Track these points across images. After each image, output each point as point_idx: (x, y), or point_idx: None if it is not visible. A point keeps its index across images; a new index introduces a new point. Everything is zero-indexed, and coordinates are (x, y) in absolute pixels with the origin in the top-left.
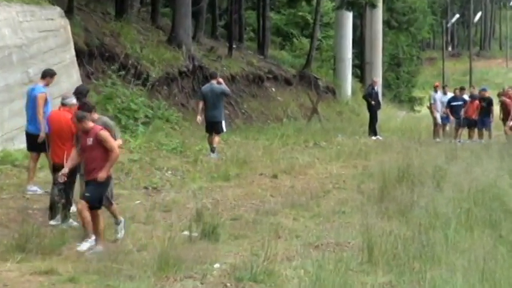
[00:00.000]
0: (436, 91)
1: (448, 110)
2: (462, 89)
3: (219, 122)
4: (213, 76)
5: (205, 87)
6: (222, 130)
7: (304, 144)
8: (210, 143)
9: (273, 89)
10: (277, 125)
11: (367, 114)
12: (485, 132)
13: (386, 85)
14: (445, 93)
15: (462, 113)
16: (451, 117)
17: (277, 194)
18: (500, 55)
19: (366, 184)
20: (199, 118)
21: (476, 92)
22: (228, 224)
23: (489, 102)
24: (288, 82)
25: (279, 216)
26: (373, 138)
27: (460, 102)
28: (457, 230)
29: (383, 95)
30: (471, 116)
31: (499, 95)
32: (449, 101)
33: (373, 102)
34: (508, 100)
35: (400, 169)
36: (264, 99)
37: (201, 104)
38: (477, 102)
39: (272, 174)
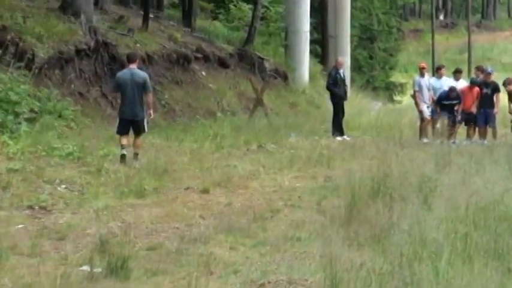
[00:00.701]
0: (422, 75)
1: (436, 107)
2: (457, 71)
3: (141, 121)
4: (131, 59)
5: (123, 74)
6: (144, 130)
7: (246, 148)
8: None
9: (203, 73)
10: (209, 121)
11: (331, 107)
12: (488, 130)
13: (356, 67)
14: (439, 77)
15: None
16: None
17: (208, 214)
18: (509, 25)
19: (328, 201)
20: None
21: (481, 76)
22: (143, 255)
23: (494, 89)
24: (223, 64)
25: (211, 244)
26: (339, 138)
27: (454, 102)
28: (451, 262)
29: (352, 80)
30: (469, 108)
31: (505, 84)
32: (440, 98)
33: (336, 91)
34: None
35: (375, 180)
36: (192, 87)
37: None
38: (477, 89)
39: (202, 188)
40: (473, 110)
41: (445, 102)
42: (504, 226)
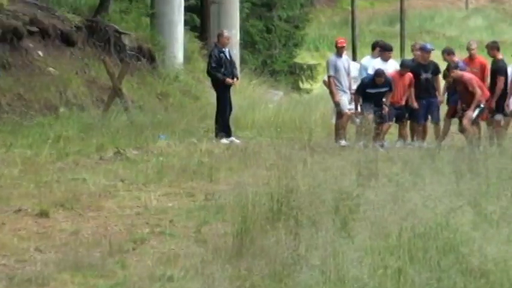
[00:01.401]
0: (339, 54)
1: (358, 98)
2: (385, 49)
3: None
4: None
5: None
6: None
7: (98, 155)
8: None
9: (40, 54)
10: (49, 119)
11: (213, 99)
12: (430, 128)
13: (249, 44)
14: (385, 60)
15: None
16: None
17: (48, 246)
18: None
19: (211, 226)
20: None
21: (418, 56)
22: None
23: (435, 72)
24: (67, 40)
25: (51, 286)
26: (225, 141)
27: (382, 90)
28: None
29: (242, 62)
30: (399, 100)
31: (449, 69)
32: (364, 85)
33: (220, 76)
34: (467, 76)
35: (275, 198)
36: (24, 73)
37: None
38: (410, 75)
39: (39, 211)
40: (403, 102)
41: (370, 90)
42: (450, 259)
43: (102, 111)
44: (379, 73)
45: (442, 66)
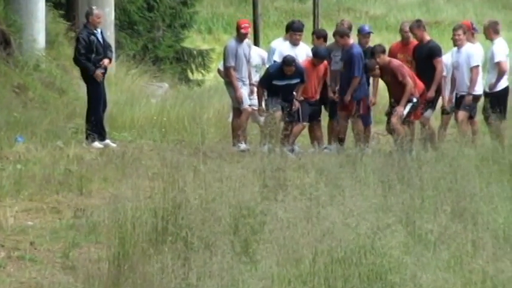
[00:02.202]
0: (241, 38)
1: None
2: (294, 29)
3: None
4: None
5: None
6: None
7: None
8: None
9: None
10: None
11: (84, 92)
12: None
13: (126, 24)
14: (294, 44)
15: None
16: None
17: None
18: None
19: (81, 249)
20: None
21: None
22: None
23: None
24: None
25: None
26: (98, 145)
27: (293, 82)
28: None
29: (118, 47)
30: (313, 95)
31: (376, 54)
32: (269, 76)
33: (90, 66)
34: (396, 63)
35: (160, 215)
36: None
37: None
38: (325, 63)
39: None
40: (318, 96)
41: (277, 82)
42: None
43: None
44: (288, 61)
45: None
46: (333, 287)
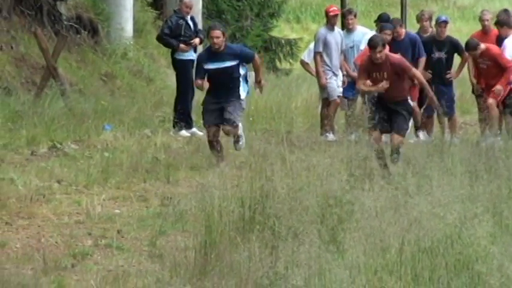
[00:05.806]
0: (331, 26)
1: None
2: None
3: None
4: None
5: None
6: None
7: (29, 150)
8: None
9: None
10: None
11: (172, 81)
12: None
13: (214, 13)
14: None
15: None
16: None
17: None
18: None
19: (168, 238)
20: None
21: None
22: None
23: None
24: None
25: None
26: (185, 133)
27: None
28: None
29: (205, 35)
30: None
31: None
32: None
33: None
34: (494, 49)
35: (247, 204)
36: None
37: None
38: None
39: None
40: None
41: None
42: (463, 279)
43: (33, 95)
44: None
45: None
46: (420, 276)
